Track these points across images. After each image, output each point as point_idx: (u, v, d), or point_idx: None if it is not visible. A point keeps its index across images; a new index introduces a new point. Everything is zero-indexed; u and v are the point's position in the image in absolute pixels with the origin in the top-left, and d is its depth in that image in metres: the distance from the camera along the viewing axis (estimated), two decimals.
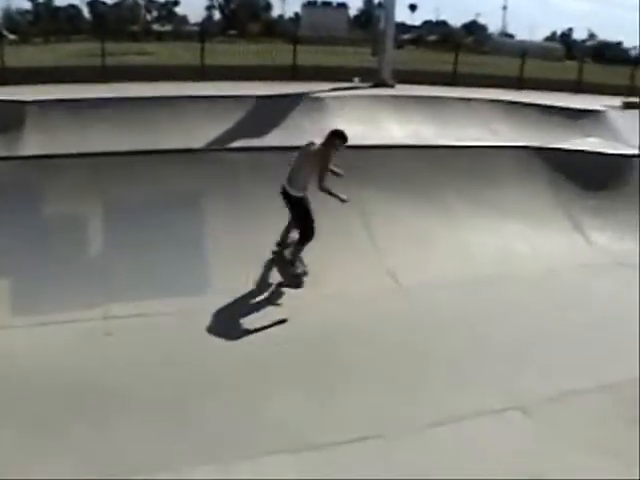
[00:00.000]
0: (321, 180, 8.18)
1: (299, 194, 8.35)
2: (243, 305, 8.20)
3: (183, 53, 24.34)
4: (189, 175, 9.68)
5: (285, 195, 8.43)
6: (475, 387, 6.46)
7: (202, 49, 19.64)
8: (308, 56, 21.06)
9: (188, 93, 13.65)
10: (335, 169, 8.56)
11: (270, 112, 12.99)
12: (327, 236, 8.69)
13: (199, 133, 11.40)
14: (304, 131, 12.25)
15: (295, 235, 8.62)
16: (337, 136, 8.52)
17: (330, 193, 8.22)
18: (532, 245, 10.32)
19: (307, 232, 8.38)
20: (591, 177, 12.13)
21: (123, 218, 8.90)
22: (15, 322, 7.45)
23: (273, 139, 11.67)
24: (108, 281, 8.25)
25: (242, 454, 5.38)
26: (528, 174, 11.31)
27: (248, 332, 7.57)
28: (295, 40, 21.42)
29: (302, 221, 8.43)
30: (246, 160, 10.33)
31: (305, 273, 8.63)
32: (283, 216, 8.74)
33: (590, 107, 18.14)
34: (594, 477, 5.02)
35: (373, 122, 13.87)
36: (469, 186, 10.81)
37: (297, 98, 13.97)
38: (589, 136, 15.15)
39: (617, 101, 21.39)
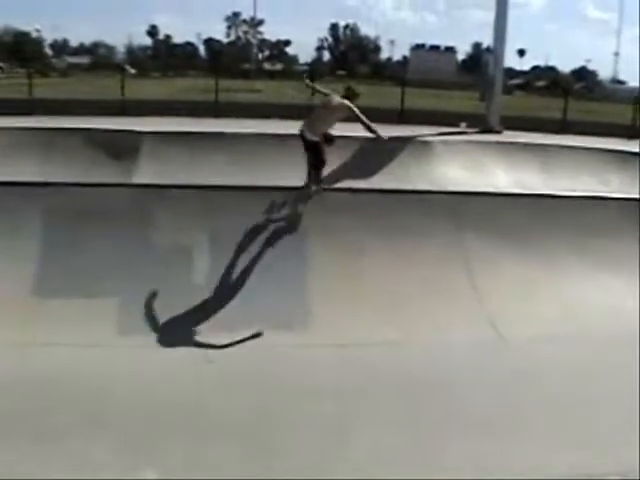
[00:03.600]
0: (364, 122, 10.13)
1: (315, 138, 10.03)
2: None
3: (292, 91, 24.84)
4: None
5: (303, 139, 10.11)
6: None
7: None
8: (415, 99, 21.09)
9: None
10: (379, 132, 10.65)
11: (377, 154, 13.04)
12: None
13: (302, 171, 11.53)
14: (410, 174, 12.25)
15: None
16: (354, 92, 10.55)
17: (370, 129, 10.32)
18: None
19: (319, 164, 10.20)
20: None
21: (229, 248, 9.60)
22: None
23: (379, 181, 11.70)
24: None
25: None
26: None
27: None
28: (403, 83, 21.49)
29: (315, 157, 10.13)
30: (349, 201, 10.54)
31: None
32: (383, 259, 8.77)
33: None
34: None
35: (479, 168, 13.72)
36: (575, 237, 10.53)
37: (404, 141, 13.99)
38: None
39: None
